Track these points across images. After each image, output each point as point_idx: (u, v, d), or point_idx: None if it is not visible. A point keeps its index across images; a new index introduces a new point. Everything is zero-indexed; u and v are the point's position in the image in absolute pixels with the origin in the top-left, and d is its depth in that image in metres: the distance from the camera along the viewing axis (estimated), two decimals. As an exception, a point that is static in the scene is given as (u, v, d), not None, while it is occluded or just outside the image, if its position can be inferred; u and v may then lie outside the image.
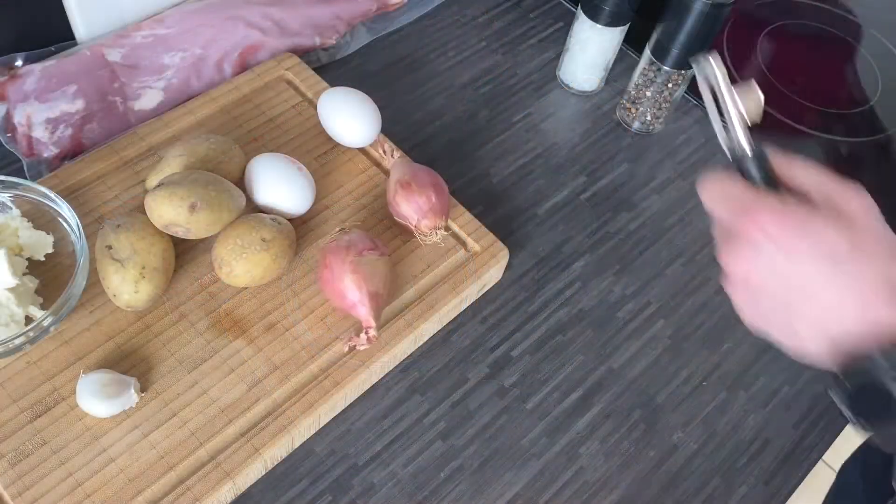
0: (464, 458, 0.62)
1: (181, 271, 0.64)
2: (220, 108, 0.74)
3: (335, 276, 0.61)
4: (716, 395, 0.67)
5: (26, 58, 0.75)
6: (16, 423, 0.56)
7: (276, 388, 0.60)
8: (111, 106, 0.74)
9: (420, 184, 0.66)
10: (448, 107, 0.82)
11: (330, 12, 0.84)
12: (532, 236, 0.74)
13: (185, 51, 0.78)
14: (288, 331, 0.63)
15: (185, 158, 0.65)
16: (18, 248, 0.62)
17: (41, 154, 0.71)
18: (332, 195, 0.71)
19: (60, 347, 0.60)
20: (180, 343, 0.61)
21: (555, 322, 0.69)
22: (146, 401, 0.58)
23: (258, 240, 0.61)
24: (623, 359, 0.68)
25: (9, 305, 0.58)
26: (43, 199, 0.62)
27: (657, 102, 0.80)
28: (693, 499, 0.62)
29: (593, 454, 0.63)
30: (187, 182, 0.60)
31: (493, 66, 0.86)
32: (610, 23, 0.77)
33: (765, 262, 0.42)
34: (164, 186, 0.60)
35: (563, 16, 0.92)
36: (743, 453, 0.65)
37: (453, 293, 0.66)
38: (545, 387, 0.66)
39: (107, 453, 0.56)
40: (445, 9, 0.90)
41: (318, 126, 0.74)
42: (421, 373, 0.65)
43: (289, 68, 0.78)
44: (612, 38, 0.80)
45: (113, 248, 0.59)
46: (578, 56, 0.82)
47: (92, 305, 0.62)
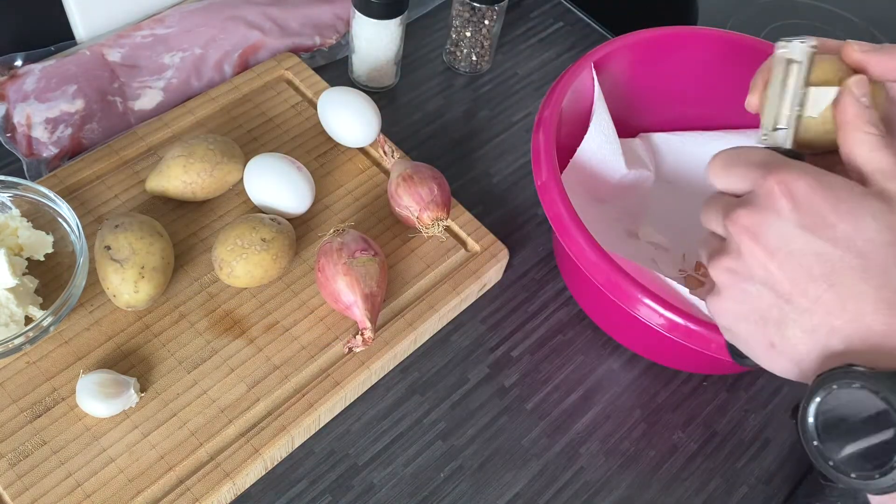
0: (464, 458, 0.62)
1: (181, 271, 0.64)
2: (219, 108, 0.74)
3: (329, 279, 0.61)
4: (716, 395, 0.67)
5: (26, 58, 0.75)
6: (16, 423, 0.56)
7: (276, 388, 0.60)
8: (111, 106, 0.74)
9: (422, 176, 0.66)
10: (448, 107, 0.82)
11: (330, 12, 0.84)
12: (532, 236, 0.74)
13: (185, 51, 0.78)
14: (288, 331, 0.63)
15: (185, 158, 0.65)
16: (18, 248, 0.62)
17: (41, 154, 0.71)
18: (332, 195, 0.71)
19: (60, 347, 0.60)
20: (180, 343, 0.61)
21: (555, 322, 0.69)
22: (146, 401, 0.58)
23: (258, 240, 0.61)
24: (623, 359, 0.68)
25: (8, 305, 0.58)
26: (42, 199, 0.62)
27: (477, 41, 0.81)
28: (693, 499, 0.62)
29: (593, 454, 0.63)
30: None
31: (493, 66, 0.86)
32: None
33: (780, 232, 0.37)
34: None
35: (562, 16, 0.92)
36: (743, 453, 0.65)
37: (453, 293, 0.66)
38: (545, 387, 0.66)
39: (106, 453, 0.56)
40: (445, 9, 0.90)
41: (318, 126, 0.74)
42: (421, 373, 0.65)
43: (289, 68, 0.78)
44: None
45: (112, 248, 0.59)
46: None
47: (92, 305, 0.62)
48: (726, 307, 0.41)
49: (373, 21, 0.75)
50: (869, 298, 0.35)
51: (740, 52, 0.70)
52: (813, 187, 0.36)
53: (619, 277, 0.55)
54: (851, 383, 0.35)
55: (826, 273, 0.36)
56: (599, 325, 0.69)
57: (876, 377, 0.34)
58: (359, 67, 0.80)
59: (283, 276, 0.65)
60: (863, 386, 0.34)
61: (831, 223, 0.36)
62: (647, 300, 0.54)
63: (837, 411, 0.36)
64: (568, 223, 0.58)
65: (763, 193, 0.38)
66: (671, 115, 0.75)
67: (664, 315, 0.54)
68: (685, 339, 0.54)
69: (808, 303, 0.37)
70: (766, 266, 0.38)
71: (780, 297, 0.38)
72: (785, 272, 0.37)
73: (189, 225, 0.67)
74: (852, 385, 0.35)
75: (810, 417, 0.36)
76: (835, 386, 0.35)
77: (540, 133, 0.62)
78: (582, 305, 0.70)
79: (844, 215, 0.36)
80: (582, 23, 0.92)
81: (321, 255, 0.62)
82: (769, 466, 0.64)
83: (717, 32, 0.71)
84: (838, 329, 0.36)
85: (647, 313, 0.55)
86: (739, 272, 0.39)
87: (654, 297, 0.54)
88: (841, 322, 0.36)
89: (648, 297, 0.54)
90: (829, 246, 0.36)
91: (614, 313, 0.62)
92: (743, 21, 0.96)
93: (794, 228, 0.36)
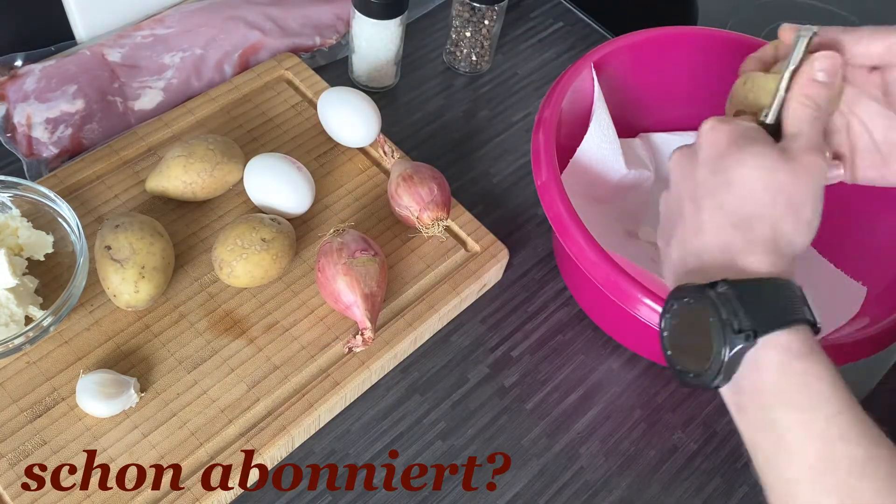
0: (464, 458, 0.62)
1: (181, 271, 0.64)
2: (219, 108, 0.74)
3: (329, 279, 0.61)
4: (716, 395, 0.67)
5: (26, 58, 0.75)
6: (16, 423, 0.56)
7: (276, 388, 0.60)
8: (111, 106, 0.74)
9: (422, 176, 0.66)
10: (448, 107, 0.82)
11: (330, 12, 0.84)
12: (532, 236, 0.74)
13: (185, 51, 0.78)
14: (288, 331, 0.63)
15: (185, 158, 0.65)
16: (18, 248, 0.62)
17: (41, 154, 0.71)
18: (332, 195, 0.71)
19: (60, 347, 0.60)
20: (180, 343, 0.61)
21: (555, 322, 0.69)
22: (146, 401, 0.58)
23: (258, 240, 0.61)
24: (623, 359, 0.68)
25: (9, 305, 0.58)
26: (42, 199, 0.62)
27: (477, 41, 0.81)
28: (693, 499, 0.62)
29: (593, 454, 0.63)
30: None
31: (493, 66, 0.86)
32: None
33: (690, 160, 0.46)
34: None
35: (562, 16, 0.92)
36: (743, 453, 0.65)
37: (453, 293, 0.66)
38: (545, 387, 0.66)
39: (106, 453, 0.56)
40: (445, 9, 0.90)
41: (318, 126, 0.74)
42: (421, 373, 0.65)
43: (289, 68, 0.78)
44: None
45: (112, 248, 0.59)
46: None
47: (92, 305, 0.62)
48: (660, 220, 0.50)
49: (373, 21, 0.75)
50: (723, 221, 0.43)
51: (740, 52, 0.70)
52: (725, 130, 0.45)
53: (619, 277, 0.55)
54: (684, 299, 0.43)
55: (701, 197, 0.44)
56: (599, 324, 0.69)
57: (695, 289, 0.42)
58: (359, 67, 0.80)
59: (283, 276, 0.65)
60: (690, 299, 0.42)
61: (725, 165, 0.44)
62: (648, 300, 0.54)
63: (678, 323, 0.43)
64: (568, 223, 0.58)
65: (699, 133, 0.46)
66: (671, 116, 0.75)
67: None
68: None
69: (686, 219, 0.45)
70: (678, 187, 0.47)
71: (680, 217, 0.46)
72: (680, 189, 0.46)
73: (189, 225, 0.67)
74: (684, 300, 0.43)
75: (664, 332, 0.44)
76: (674, 304, 0.43)
77: (540, 133, 0.62)
78: (582, 305, 0.70)
79: (736, 161, 0.44)
80: (582, 23, 0.92)
81: (321, 255, 0.62)
82: (769, 466, 0.64)
83: (718, 32, 0.71)
84: (694, 247, 0.44)
85: (648, 313, 0.55)
86: (667, 193, 0.49)
87: (654, 297, 0.54)
88: (698, 241, 0.44)
89: (648, 296, 0.54)
90: (715, 179, 0.44)
91: (614, 313, 0.62)
92: (743, 21, 0.96)
93: (699, 159, 0.45)
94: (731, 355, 0.40)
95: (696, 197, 0.45)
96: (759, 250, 0.42)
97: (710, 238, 0.44)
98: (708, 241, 0.44)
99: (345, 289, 0.60)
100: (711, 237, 0.44)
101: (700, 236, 0.44)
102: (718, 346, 0.40)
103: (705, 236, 0.44)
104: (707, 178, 0.44)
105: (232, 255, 0.61)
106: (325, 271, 0.61)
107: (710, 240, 0.44)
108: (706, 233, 0.44)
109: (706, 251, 0.44)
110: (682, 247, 0.45)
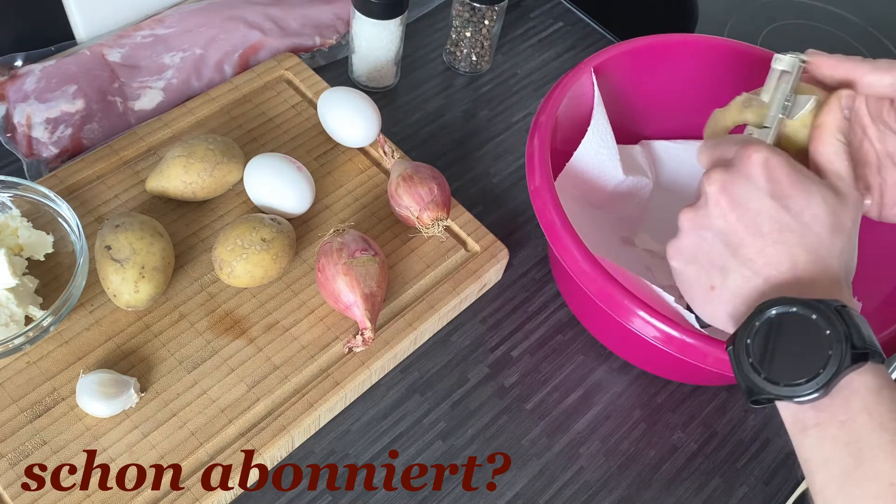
0: (464, 458, 0.62)
1: (181, 271, 0.64)
2: (219, 108, 0.74)
3: (329, 279, 0.61)
4: (716, 395, 0.67)
5: (26, 58, 0.75)
6: (16, 423, 0.56)
7: (276, 388, 0.60)
8: (111, 106, 0.74)
9: (422, 176, 0.66)
10: (448, 107, 0.82)
11: (330, 12, 0.84)
12: (532, 236, 0.74)
13: (185, 51, 0.78)
14: (288, 331, 0.63)
15: (185, 158, 0.65)
16: (18, 248, 0.62)
17: (41, 154, 0.71)
18: (332, 195, 0.71)
19: (60, 347, 0.60)
20: (180, 343, 0.61)
21: (555, 322, 0.69)
22: (146, 401, 0.58)
23: (258, 240, 0.61)
24: (623, 359, 0.68)
25: (9, 305, 0.58)
26: (42, 199, 0.62)
27: (477, 41, 0.81)
28: (693, 499, 0.62)
29: (593, 454, 0.63)
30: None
31: (493, 66, 0.86)
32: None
33: (745, 191, 0.44)
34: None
35: (562, 16, 0.92)
36: (743, 453, 0.65)
37: (453, 293, 0.66)
38: (545, 387, 0.66)
39: (106, 453, 0.56)
40: (445, 9, 0.90)
41: (318, 126, 0.74)
42: (421, 373, 0.65)
43: (289, 68, 0.78)
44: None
45: (112, 248, 0.59)
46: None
47: (92, 305, 0.62)
48: (682, 247, 0.48)
49: (373, 21, 0.75)
50: (802, 258, 0.43)
51: (741, 60, 0.70)
52: (782, 164, 0.44)
53: (611, 287, 0.54)
54: (789, 307, 0.42)
55: (773, 231, 0.44)
56: (592, 332, 0.68)
57: (808, 302, 0.41)
58: (359, 67, 0.80)
59: (283, 276, 0.65)
60: (799, 309, 0.41)
61: (789, 195, 0.44)
62: (641, 311, 0.53)
63: (772, 332, 0.42)
64: (559, 229, 0.57)
65: (741, 159, 0.45)
66: (673, 124, 0.75)
67: (657, 327, 0.53)
68: (680, 352, 0.53)
69: (753, 253, 0.44)
70: (726, 216, 0.45)
71: (729, 247, 0.45)
72: (741, 224, 0.44)
73: (189, 225, 0.67)
74: (790, 309, 0.42)
75: (748, 338, 0.43)
76: (773, 311, 0.42)
77: (535, 138, 0.62)
78: (574, 312, 0.69)
79: (801, 192, 0.44)
80: (582, 23, 0.92)
81: (321, 255, 0.62)
82: (769, 466, 0.64)
83: (719, 40, 0.70)
84: (773, 278, 0.44)
85: (641, 325, 0.54)
86: (702, 219, 0.46)
87: (648, 309, 0.53)
88: (777, 273, 0.44)
89: (642, 308, 0.53)
90: (782, 212, 0.44)
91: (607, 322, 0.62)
92: (743, 21, 0.96)
93: (757, 191, 0.44)
94: (845, 370, 0.40)
95: (758, 229, 0.44)
96: (844, 284, 0.44)
97: (785, 269, 0.44)
98: (784, 272, 0.44)
99: (345, 289, 0.60)
100: (787, 268, 0.44)
101: (779, 267, 0.44)
102: (836, 360, 0.40)
103: (781, 266, 0.44)
104: (773, 211, 0.44)
105: (232, 255, 0.61)
106: (325, 271, 0.61)
107: (786, 270, 0.44)
108: (784, 265, 0.44)
109: (780, 276, 0.44)
110: (746, 267, 0.45)
